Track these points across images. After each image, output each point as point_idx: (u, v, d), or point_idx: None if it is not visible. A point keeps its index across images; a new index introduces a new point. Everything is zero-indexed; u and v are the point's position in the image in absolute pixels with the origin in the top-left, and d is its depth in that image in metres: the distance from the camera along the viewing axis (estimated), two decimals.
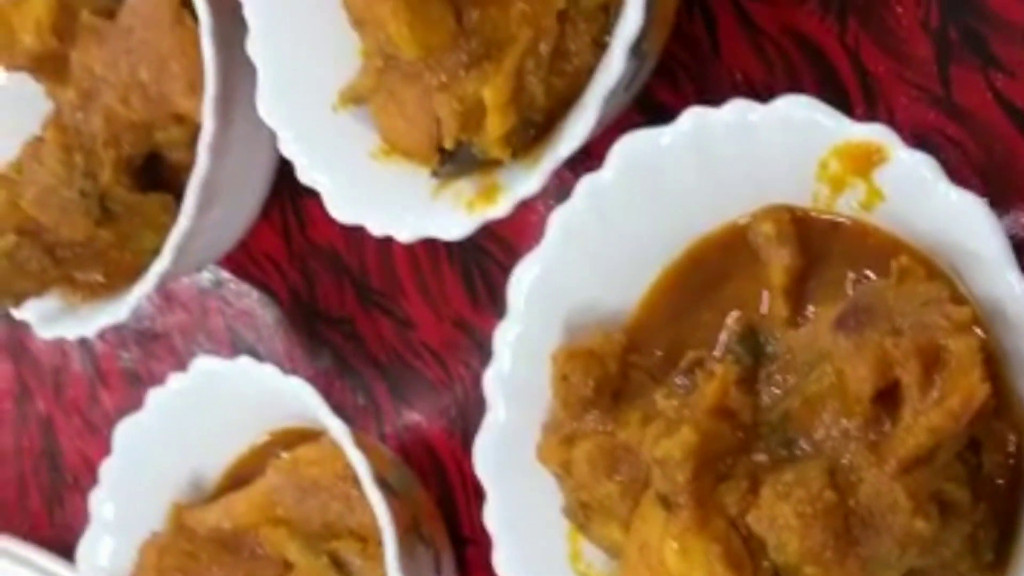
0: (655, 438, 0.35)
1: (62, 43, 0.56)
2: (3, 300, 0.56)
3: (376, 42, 0.43)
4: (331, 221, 0.58)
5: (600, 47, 0.42)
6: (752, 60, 0.45)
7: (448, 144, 0.44)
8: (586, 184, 0.41)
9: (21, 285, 0.56)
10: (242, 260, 0.62)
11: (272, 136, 0.56)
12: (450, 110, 0.42)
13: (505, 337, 0.43)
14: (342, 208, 0.47)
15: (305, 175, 0.48)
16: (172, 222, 0.55)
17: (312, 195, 0.58)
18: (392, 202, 0.47)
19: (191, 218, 0.52)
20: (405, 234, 0.45)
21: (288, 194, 0.59)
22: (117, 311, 0.54)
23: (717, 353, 0.39)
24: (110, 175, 0.54)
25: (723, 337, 0.40)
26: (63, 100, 0.56)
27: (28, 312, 0.58)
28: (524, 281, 0.42)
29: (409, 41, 0.40)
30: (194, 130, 0.55)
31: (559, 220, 0.41)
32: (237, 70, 0.52)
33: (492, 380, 0.43)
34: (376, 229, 0.46)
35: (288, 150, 0.49)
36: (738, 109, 0.38)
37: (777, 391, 0.37)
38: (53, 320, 0.58)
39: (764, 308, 0.39)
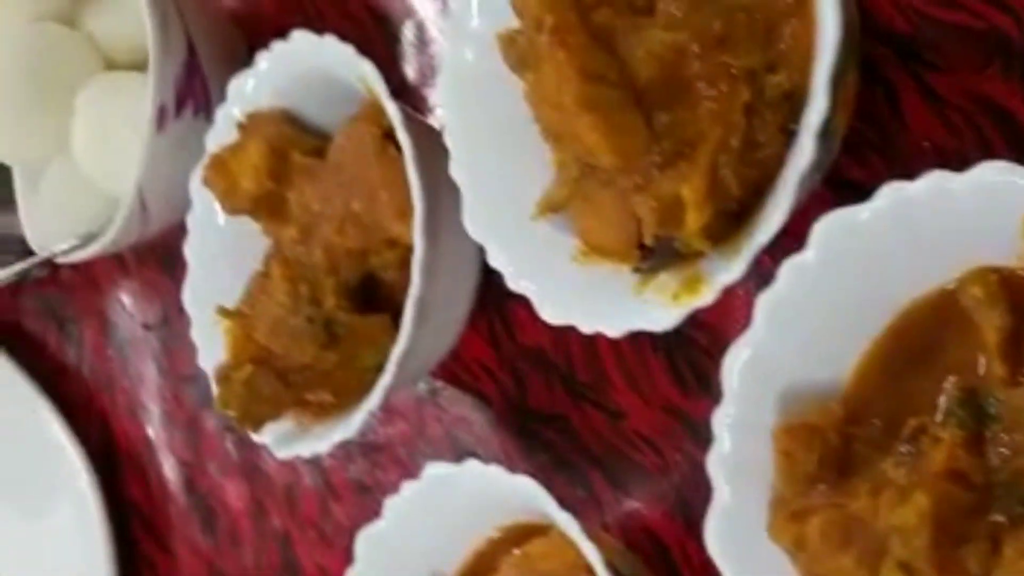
0: (890, 506, 0.35)
1: (278, 185, 0.60)
2: (244, 425, 0.59)
3: (573, 154, 0.45)
4: (536, 323, 0.60)
5: (786, 134, 0.43)
6: (938, 129, 0.45)
7: (648, 241, 0.45)
8: (790, 266, 0.41)
9: (260, 411, 0.59)
10: (454, 369, 0.64)
11: (475, 250, 0.58)
12: (648, 209, 0.44)
13: (723, 419, 0.43)
14: (552, 310, 0.49)
15: (514, 283, 0.50)
16: (390, 339, 0.57)
17: (517, 301, 0.61)
18: (598, 300, 0.48)
19: (410, 334, 0.55)
20: (614, 330, 0.47)
21: (493, 302, 0.61)
22: (348, 427, 0.57)
23: (939, 418, 0.39)
24: (333, 301, 0.57)
25: (942, 402, 0.39)
26: (283, 236, 0.60)
27: (266, 435, 0.61)
28: (737, 364, 0.43)
29: (607, 151, 0.42)
30: (405, 252, 0.57)
31: (766, 303, 0.42)
32: (441, 192, 0.55)
33: (715, 462, 0.43)
34: (586, 327, 0.48)
35: (496, 261, 0.51)
36: (935, 180, 0.38)
37: (1005, 451, 0.36)
38: (288, 441, 0.61)
39: (981, 370, 0.39)
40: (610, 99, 0.42)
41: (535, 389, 0.60)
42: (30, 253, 0.84)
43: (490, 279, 0.61)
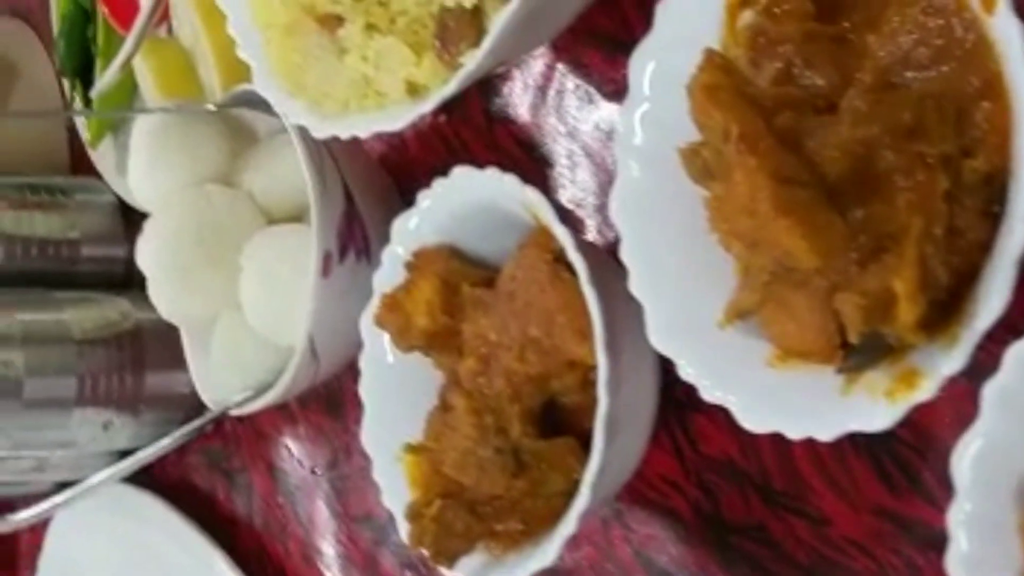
0: None
1: (452, 319, 0.60)
2: (439, 561, 0.58)
3: (771, 258, 0.44)
4: (722, 433, 0.59)
5: (988, 217, 0.42)
6: None
7: (853, 339, 0.44)
8: (1016, 352, 0.40)
9: (453, 545, 0.58)
10: (639, 487, 0.62)
11: (654, 364, 0.58)
12: (854, 307, 0.42)
13: (957, 517, 0.41)
14: (755, 419, 0.47)
15: (710, 394, 0.49)
16: (578, 463, 0.56)
17: (698, 412, 0.59)
18: (803, 404, 0.47)
19: (602, 452, 0.53)
20: (826, 433, 0.45)
21: (674, 415, 0.60)
22: (545, 555, 0.55)
23: None
24: (519, 429, 0.56)
25: None
26: (462, 368, 0.59)
27: (459, 570, 0.60)
28: (966, 458, 0.41)
29: (808, 253, 0.41)
30: (584, 373, 0.57)
31: (994, 392, 0.40)
32: (617, 310, 0.54)
33: (954, 562, 0.41)
34: (794, 433, 0.46)
35: (688, 374, 0.50)
36: None
37: None
38: (483, 574, 0.59)
39: None
40: (805, 200, 0.41)
41: (728, 500, 0.58)
42: (196, 409, 0.86)
43: (669, 393, 0.59)
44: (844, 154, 0.42)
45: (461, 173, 0.60)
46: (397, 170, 0.77)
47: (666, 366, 0.58)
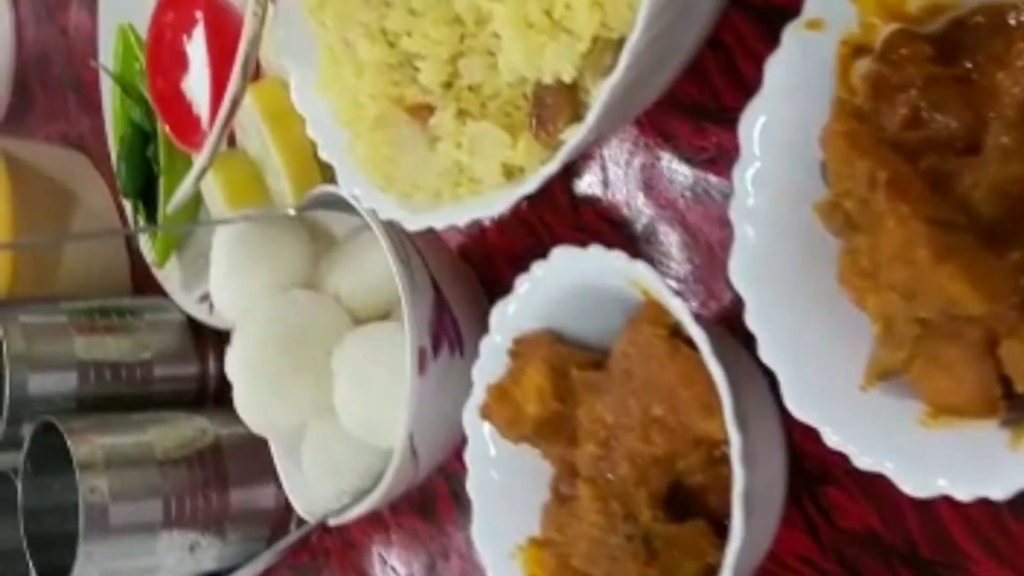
0: None
1: (563, 405, 0.57)
2: None
3: (929, 308, 0.41)
4: (857, 503, 0.56)
5: None
6: None
7: (1022, 388, 0.41)
8: None
9: None
10: (773, 568, 0.59)
11: (782, 435, 0.55)
12: (1022, 354, 0.39)
13: None
14: (916, 483, 0.44)
15: (862, 461, 0.46)
16: (710, 545, 0.53)
17: (831, 483, 0.56)
18: (967, 463, 0.43)
19: (741, 531, 0.50)
20: (998, 491, 0.42)
21: (805, 489, 0.57)
22: None
23: None
24: (648, 513, 0.53)
25: None
26: (582, 455, 0.56)
27: None
28: None
29: (976, 299, 0.38)
30: (710, 450, 0.54)
31: None
32: (741, 380, 0.51)
33: None
34: (963, 495, 0.43)
35: (834, 441, 0.47)
36: None
37: None
38: None
39: None
40: (965, 244, 0.39)
41: (873, 574, 0.55)
42: (282, 524, 0.83)
43: (798, 466, 0.56)
44: (996, 194, 0.39)
45: (562, 253, 0.58)
46: (477, 260, 0.75)
47: (793, 438, 0.55)
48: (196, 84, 0.93)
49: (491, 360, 0.61)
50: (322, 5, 0.57)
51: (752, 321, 0.49)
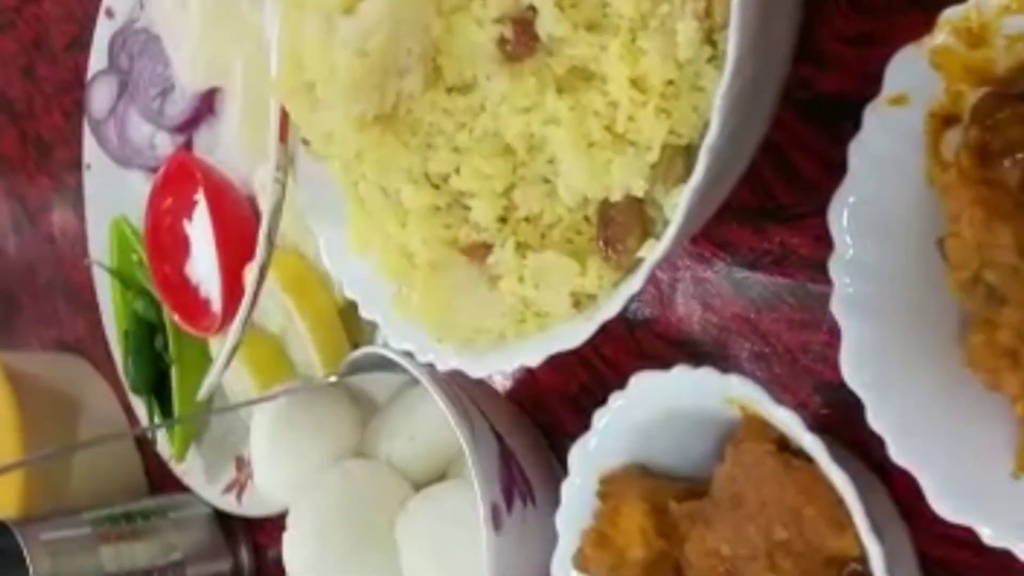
0: None
1: (668, 542, 0.53)
2: None
3: None
4: None
5: None
6: None
7: None
8: None
9: None
10: None
11: (910, 542, 0.50)
12: None
13: None
14: None
15: None
16: None
17: None
18: None
19: None
20: None
21: None
22: None
23: None
24: None
25: None
26: None
27: None
28: None
29: None
30: (840, 569, 0.49)
31: None
32: (865, 488, 0.47)
33: None
34: None
35: (996, 540, 0.43)
36: None
37: None
38: None
39: None
40: None
41: None
42: None
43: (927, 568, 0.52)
44: None
45: (644, 379, 0.54)
46: (528, 404, 0.71)
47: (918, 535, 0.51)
48: (201, 267, 0.89)
49: (575, 505, 0.57)
50: (359, 158, 0.54)
51: (878, 422, 0.45)
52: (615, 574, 0.54)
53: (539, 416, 0.70)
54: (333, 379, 0.68)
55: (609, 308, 0.49)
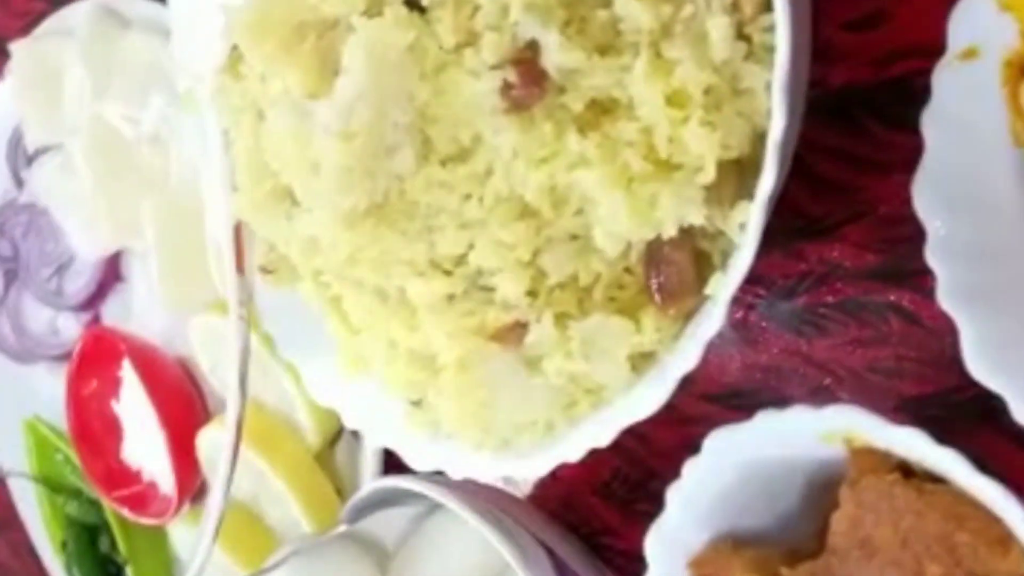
0: None
1: None
2: None
3: None
4: None
5: None
6: None
7: None
8: None
9: None
10: None
11: None
12: None
13: None
14: None
15: None
16: None
17: None
18: None
19: None
20: None
21: None
22: None
23: None
24: None
25: None
26: None
27: None
28: None
29: None
30: None
31: None
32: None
33: None
34: None
35: None
36: None
37: None
38: None
39: None
40: None
41: None
42: None
43: None
44: None
45: (722, 437, 0.47)
46: (555, 505, 0.63)
47: None
48: (138, 449, 0.79)
49: None
50: (351, 262, 0.46)
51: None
52: None
53: (570, 517, 0.62)
54: (343, 528, 0.59)
55: (685, 359, 0.42)
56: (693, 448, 0.53)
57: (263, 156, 0.47)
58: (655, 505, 0.59)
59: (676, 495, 0.48)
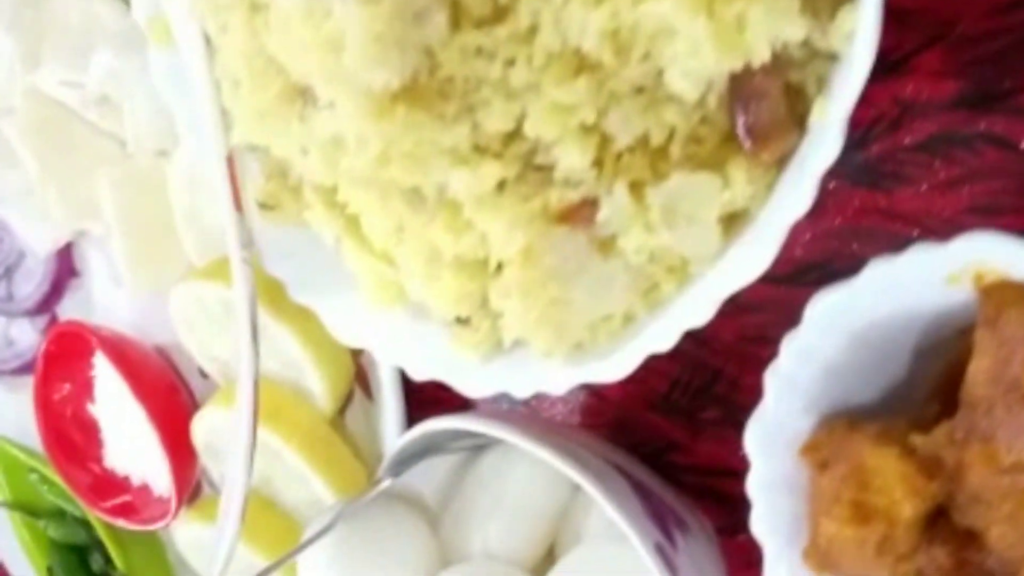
0: None
1: (940, 484, 0.40)
2: None
3: None
4: None
5: None
6: None
7: None
8: None
9: None
10: None
11: None
12: None
13: None
14: None
15: None
16: None
17: None
18: None
19: None
20: None
21: None
22: None
23: None
24: None
25: None
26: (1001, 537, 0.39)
27: None
28: None
29: None
30: None
31: None
32: None
33: None
34: None
35: None
36: None
37: None
38: None
39: None
40: None
41: None
42: None
43: None
44: None
45: (825, 302, 0.41)
46: (605, 429, 0.57)
47: None
48: (122, 451, 0.71)
49: (774, 498, 0.43)
50: (384, 161, 0.39)
51: None
52: (884, 550, 0.40)
53: (624, 440, 0.56)
54: (386, 483, 0.52)
55: (793, 202, 0.37)
56: (758, 341, 0.47)
57: (265, 54, 0.40)
58: (724, 409, 0.54)
59: (774, 379, 0.43)
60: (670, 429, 0.55)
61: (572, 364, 0.42)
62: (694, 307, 0.39)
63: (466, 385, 0.45)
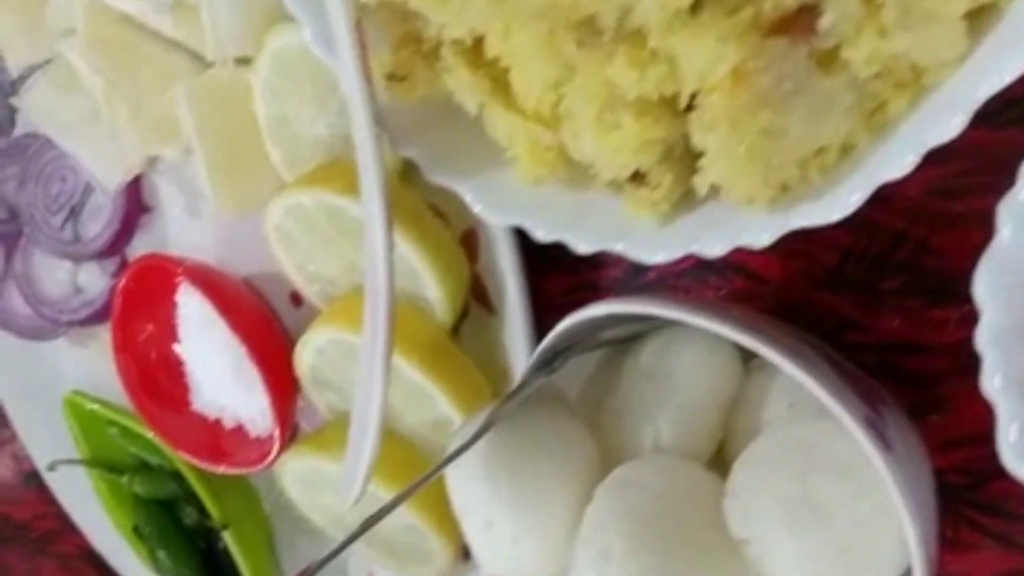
0: None
1: None
2: None
3: None
4: None
5: None
6: None
7: None
8: None
9: None
10: None
11: None
12: None
13: None
14: None
15: None
16: None
17: None
18: None
19: None
20: None
21: None
22: None
23: None
24: None
25: None
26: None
27: None
28: None
29: None
30: None
31: None
32: None
33: None
34: None
35: None
36: None
37: None
38: None
39: None
40: None
41: None
42: None
43: None
44: None
45: None
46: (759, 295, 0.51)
47: None
48: (212, 391, 0.66)
49: (1007, 351, 0.38)
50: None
51: None
52: None
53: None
54: (543, 380, 0.46)
55: None
56: (951, 195, 0.42)
57: None
58: (909, 276, 0.48)
59: (1011, 210, 0.37)
60: (841, 306, 0.49)
61: (779, 210, 0.37)
62: (933, 123, 0.34)
63: (645, 251, 0.40)
